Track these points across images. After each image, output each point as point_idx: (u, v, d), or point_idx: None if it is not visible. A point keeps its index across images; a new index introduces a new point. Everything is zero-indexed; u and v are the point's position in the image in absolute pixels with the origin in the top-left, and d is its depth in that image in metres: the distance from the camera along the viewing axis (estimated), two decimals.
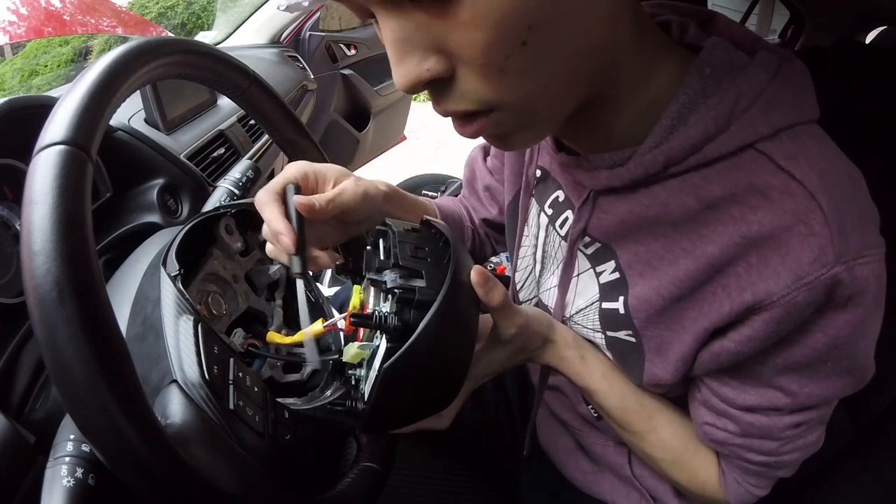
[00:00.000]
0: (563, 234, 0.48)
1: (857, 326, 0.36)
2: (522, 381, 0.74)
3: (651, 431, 0.48)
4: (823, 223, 0.33)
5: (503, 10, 0.27)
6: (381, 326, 0.37)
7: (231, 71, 0.52)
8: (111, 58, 0.37)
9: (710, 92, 0.36)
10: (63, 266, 0.26)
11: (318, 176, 0.46)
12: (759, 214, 0.35)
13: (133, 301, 0.42)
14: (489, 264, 1.20)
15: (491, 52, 0.29)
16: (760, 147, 0.35)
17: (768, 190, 0.35)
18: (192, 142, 0.78)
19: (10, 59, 1.80)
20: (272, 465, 0.37)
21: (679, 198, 0.38)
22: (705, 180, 0.37)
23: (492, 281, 0.40)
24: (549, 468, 0.66)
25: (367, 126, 1.79)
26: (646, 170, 0.38)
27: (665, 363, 0.43)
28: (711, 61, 0.36)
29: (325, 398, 0.46)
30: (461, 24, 0.28)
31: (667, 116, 0.37)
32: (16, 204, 0.52)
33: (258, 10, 1.39)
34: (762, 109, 0.35)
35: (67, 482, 0.31)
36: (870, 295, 0.34)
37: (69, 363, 0.26)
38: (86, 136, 0.31)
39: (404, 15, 0.29)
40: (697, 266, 0.38)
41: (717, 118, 0.35)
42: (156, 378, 0.36)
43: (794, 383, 0.39)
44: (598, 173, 0.41)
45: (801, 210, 0.34)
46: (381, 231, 0.43)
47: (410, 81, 0.31)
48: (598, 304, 0.46)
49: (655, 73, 0.37)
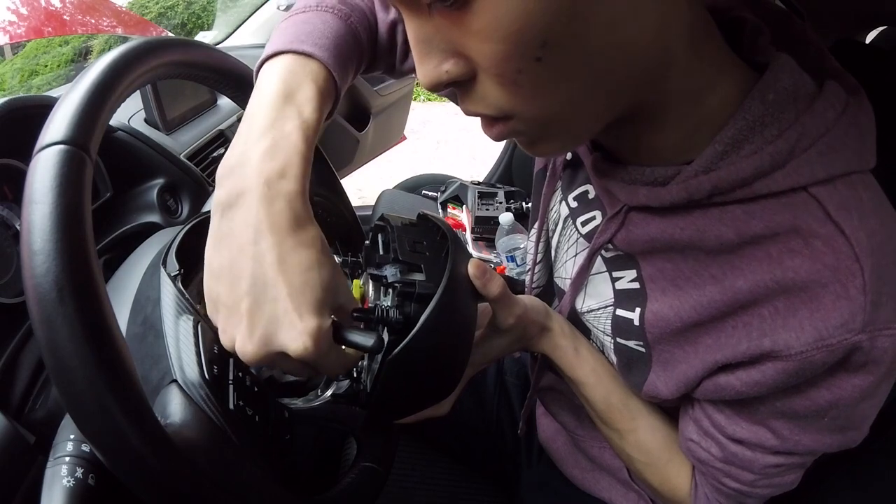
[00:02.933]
0: (585, 233, 0.47)
1: (864, 392, 0.35)
2: (523, 382, 0.74)
3: (631, 432, 0.48)
4: (861, 289, 0.32)
5: (515, 25, 0.26)
6: (384, 321, 0.37)
7: (231, 71, 0.51)
8: (111, 58, 0.37)
9: (770, 121, 0.33)
10: (63, 266, 0.26)
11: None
12: (796, 261, 0.33)
13: (133, 301, 0.42)
14: (489, 264, 1.20)
15: (503, 65, 0.29)
16: (813, 191, 0.33)
17: (812, 238, 0.33)
18: (192, 142, 0.78)
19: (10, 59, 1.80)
20: (272, 466, 0.37)
21: (717, 227, 0.36)
22: (748, 214, 0.35)
23: (489, 273, 0.41)
24: (548, 468, 0.66)
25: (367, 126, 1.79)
26: (689, 195, 0.35)
27: (668, 379, 0.42)
28: (776, 86, 0.33)
29: (325, 398, 0.46)
30: (474, 33, 0.28)
31: (720, 141, 0.34)
32: (16, 204, 0.52)
33: (258, 10, 1.40)
34: (822, 152, 0.33)
35: (67, 482, 0.31)
36: (885, 365, 0.34)
37: (69, 363, 0.26)
38: (86, 136, 0.31)
39: (424, 17, 0.29)
40: (723, 297, 0.36)
41: (774, 155, 0.32)
42: (156, 378, 0.36)
43: (787, 429, 0.39)
44: (635, 189, 0.38)
45: (841, 269, 0.32)
46: (379, 226, 0.43)
47: (430, 81, 0.31)
48: (613, 309, 0.45)
49: (711, 91, 0.34)
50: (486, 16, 0.27)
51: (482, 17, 0.27)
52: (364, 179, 2.68)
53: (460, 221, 1.33)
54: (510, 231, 1.12)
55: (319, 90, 0.38)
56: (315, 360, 0.32)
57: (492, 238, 1.22)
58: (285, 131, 0.35)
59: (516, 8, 0.26)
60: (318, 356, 0.32)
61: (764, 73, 0.34)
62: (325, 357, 0.33)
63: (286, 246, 0.32)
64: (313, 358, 0.32)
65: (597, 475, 0.60)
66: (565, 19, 0.26)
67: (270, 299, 0.32)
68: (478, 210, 1.25)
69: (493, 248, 1.23)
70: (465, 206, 1.34)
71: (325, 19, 0.42)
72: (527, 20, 0.26)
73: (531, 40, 0.27)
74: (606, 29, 0.28)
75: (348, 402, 0.42)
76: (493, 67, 0.29)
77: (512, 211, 1.22)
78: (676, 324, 0.39)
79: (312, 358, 0.32)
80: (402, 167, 2.73)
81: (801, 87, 0.34)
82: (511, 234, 1.12)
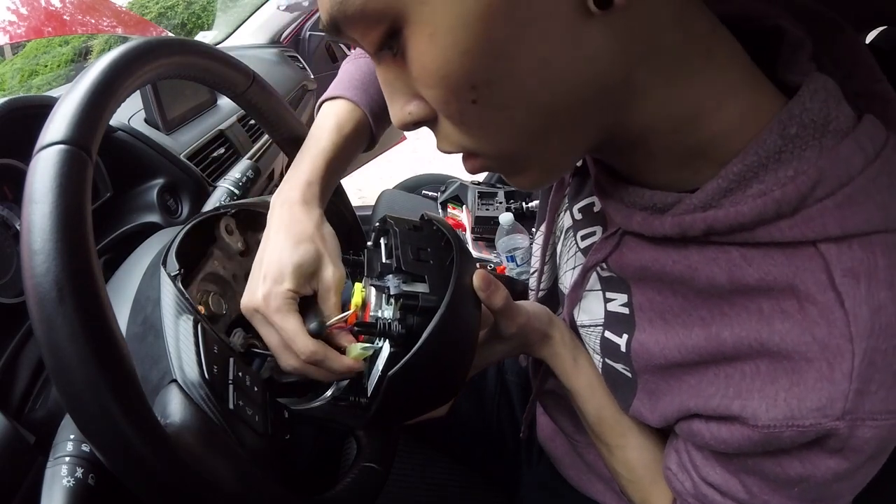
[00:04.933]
0: (583, 247, 0.46)
1: (839, 475, 0.32)
2: (524, 381, 0.74)
3: (619, 448, 0.47)
4: (847, 375, 0.28)
5: (441, 71, 0.27)
6: (386, 334, 0.37)
7: (231, 71, 0.51)
8: (111, 58, 0.37)
9: (787, 159, 0.29)
10: (63, 265, 0.26)
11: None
12: (786, 325, 0.30)
13: (133, 301, 0.42)
14: (489, 264, 1.20)
15: (444, 108, 0.30)
16: (822, 248, 0.29)
17: (808, 303, 0.30)
18: (192, 142, 0.78)
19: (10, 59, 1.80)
20: (272, 465, 0.37)
21: (710, 268, 0.33)
22: (745, 260, 0.32)
23: (493, 284, 0.40)
24: (548, 468, 0.66)
25: None
26: (682, 231, 0.33)
27: (653, 408, 0.41)
28: (801, 116, 0.28)
29: (325, 398, 0.46)
30: (415, 79, 0.29)
31: (724, 176, 0.30)
32: (16, 204, 0.52)
33: (258, 10, 1.40)
34: (840, 204, 0.28)
35: (67, 482, 0.31)
36: (865, 454, 0.30)
37: (69, 363, 0.26)
38: (86, 136, 0.31)
39: (385, 62, 0.31)
40: (708, 344, 0.34)
41: (781, 202, 0.28)
42: (155, 378, 0.36)
43: (756, 486, 0.36)
44: (631, 213, 0.36)
45: (831, 347, 0.29)
46: (382, 229, 0.43)
47: (398, 122, 0.33)
48: (602, 330, 0.44)
49: (710, 117, 0.30)
50: (417, 64, 0.28)
51: (415, 65, 0.28)
52: (364, 179, 2.68)
53: (460, 221, 1.33)
54: (510, 231, 1.12)
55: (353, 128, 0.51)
56: (271, 319, 0.39)
57: (492, 238, 1.22)
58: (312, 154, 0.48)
59: (439, 56, 0.27)
60: (268, 313, 0.39)
61: (790, 99, 0.29)
62: (277, 316, 0.39)
63: (278, 237, 0.42)
64: (265, 313, 0.39)
65: (593, 479, 0.60)
66: (488, 61, 0.27)
67: (261, 272, 0.41)
68: (478, 210, 1.25)
69: (493, 248, 1.23)
70: (465, 206, 1.34)
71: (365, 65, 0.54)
72: (449, 67, 0.27)
73: (460, 85, 0.28)
74: (540, 65, 0.27)
75: (349, 405, 0.42)
76: (439, 110, 0.31)
77: (512, 211, 1.22)
78: (660, 360, 0.38)
79: (264, 313, 0.39)
80: (402, 167, 2.72)
81: (833, 119, 0.28)
82: (511, 234, 1.11)
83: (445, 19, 0.26)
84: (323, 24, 0.30)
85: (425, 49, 0.27)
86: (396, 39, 0.28)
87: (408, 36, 0.28)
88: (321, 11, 0.30)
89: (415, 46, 0.28)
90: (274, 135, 0.60)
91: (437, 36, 0.26)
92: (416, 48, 0.28)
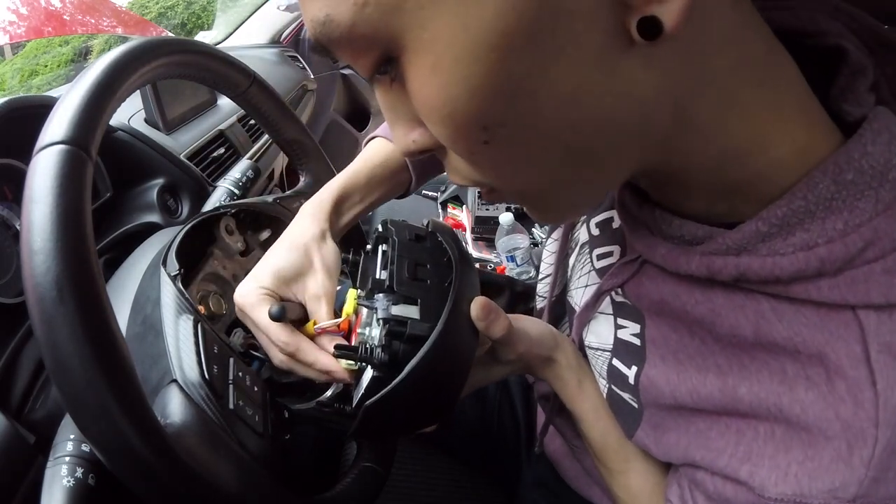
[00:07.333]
0: (598, 268, 0.43)
1: None
2: (525, 382, 0.74)
3: (622, 473, 0.46)
4: (866, 462, 0.26)
5: (446, 109, 0.23)
6: (367, 360, 0.36)
7: (231, 71, 0.52)
8: (111, 58, 0.37)
9: (839, 208, 0.25)
10: (63, 265, 0.26)
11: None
12: (810, 395, 0.28)
13: (133, 301, 0.42)
14: (489, 265, 1.20)
15: (452, 146, 0.26)
16: (861, 315, 0.26)
17: (837, 376, 0.27)
18: (192, 142, 0.78)
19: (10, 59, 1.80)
20: (272, 465, 0.37)
21: (735, 316, 0.30)
22: (776, 314, 0.29)
23: (494, 313, 0.38)
24: (548, 468, 0.66)
25: (367, 126, 1.79)
26: (710, 274, 0.29)
27: (657, 441, 0.39)
28: (860, 161, 0.25)
29: (324, 398, 0.46)
30: (417, 110, 0.26)
31: (765, 219, 0.27)
32: (16, 204, 0.52)
33: (258, 10, 1.40)
34: (889, 270, 0.25)
35: (67, 482, 0.31)
36: None
37: (69, 363, 0.26)
38: (86, 136, 0.31)
39: (384, 86, 0.27)
40: (723, 397, 0.32)
41: (826, 260, 0.26)
42: (156, 378, 0.36)
43: None
44: (656, 243, 0.33)
45: (854, 429, 0.26)
46: (381, 235, 0.42)
47: (401, 149, 0.29)
48: (610, 357, 0.42)
49: (757, 154, 0.27)
50: (418, 97, 0.24)
51: (416, 97, 0.24)
52: None
53: (460, 221, 1.33)
54: (510, 231, 1.12)
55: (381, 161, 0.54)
56: (246, 311, 0.41)
57: (492, 238, 1.22)
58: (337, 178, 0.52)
59: (442, 92, 0.23)
60: (244, 307, 0.41)
61: (850, 139, 0.26)
62: (251, 309, 0.41)
63: (278, 244, 0.46)
64: (242, 307, 0.41)
65: (591, 483, 0.60)
66: (503, 100, 0.22)
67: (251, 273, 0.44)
68: (478, 210, 1.25)
69: (493, 248, 1.23)
70: (465, 205, 1.34)
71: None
72: (454, 104, 0.23)
73: (469, 125, 0.24)
74: (566, 103, 0.23)
75: (333, 412, 0.42)
76: (447, 145, 0.26)
77: (512, 211, 1.22)
78: (670, 400, 0.36)
79: (241, 307, 0.41)
80: None
81: (894, 167, 0.25)
82: (511, 234, 1.11)
83: (451, 49, 0.22)
84: (309, 43, 0.29)
85: (426, 82, 0.23)
86: (393, 65, 0.24)
87: (405, 64, 0.24)
88: (307, 29, 0.26)
89: (415, 78, 0.24)
90: (274, 135, 0.60)
91: (441, 69, 0.22)
92: (416, 80, 0.24)
